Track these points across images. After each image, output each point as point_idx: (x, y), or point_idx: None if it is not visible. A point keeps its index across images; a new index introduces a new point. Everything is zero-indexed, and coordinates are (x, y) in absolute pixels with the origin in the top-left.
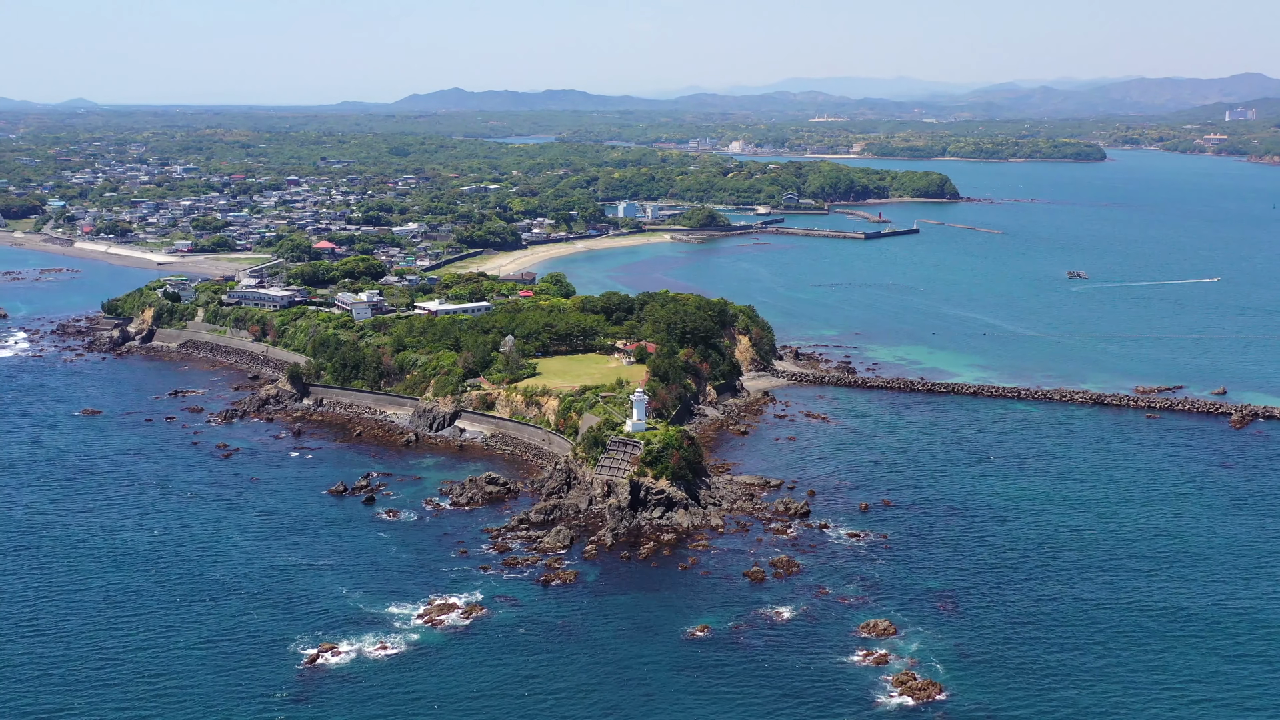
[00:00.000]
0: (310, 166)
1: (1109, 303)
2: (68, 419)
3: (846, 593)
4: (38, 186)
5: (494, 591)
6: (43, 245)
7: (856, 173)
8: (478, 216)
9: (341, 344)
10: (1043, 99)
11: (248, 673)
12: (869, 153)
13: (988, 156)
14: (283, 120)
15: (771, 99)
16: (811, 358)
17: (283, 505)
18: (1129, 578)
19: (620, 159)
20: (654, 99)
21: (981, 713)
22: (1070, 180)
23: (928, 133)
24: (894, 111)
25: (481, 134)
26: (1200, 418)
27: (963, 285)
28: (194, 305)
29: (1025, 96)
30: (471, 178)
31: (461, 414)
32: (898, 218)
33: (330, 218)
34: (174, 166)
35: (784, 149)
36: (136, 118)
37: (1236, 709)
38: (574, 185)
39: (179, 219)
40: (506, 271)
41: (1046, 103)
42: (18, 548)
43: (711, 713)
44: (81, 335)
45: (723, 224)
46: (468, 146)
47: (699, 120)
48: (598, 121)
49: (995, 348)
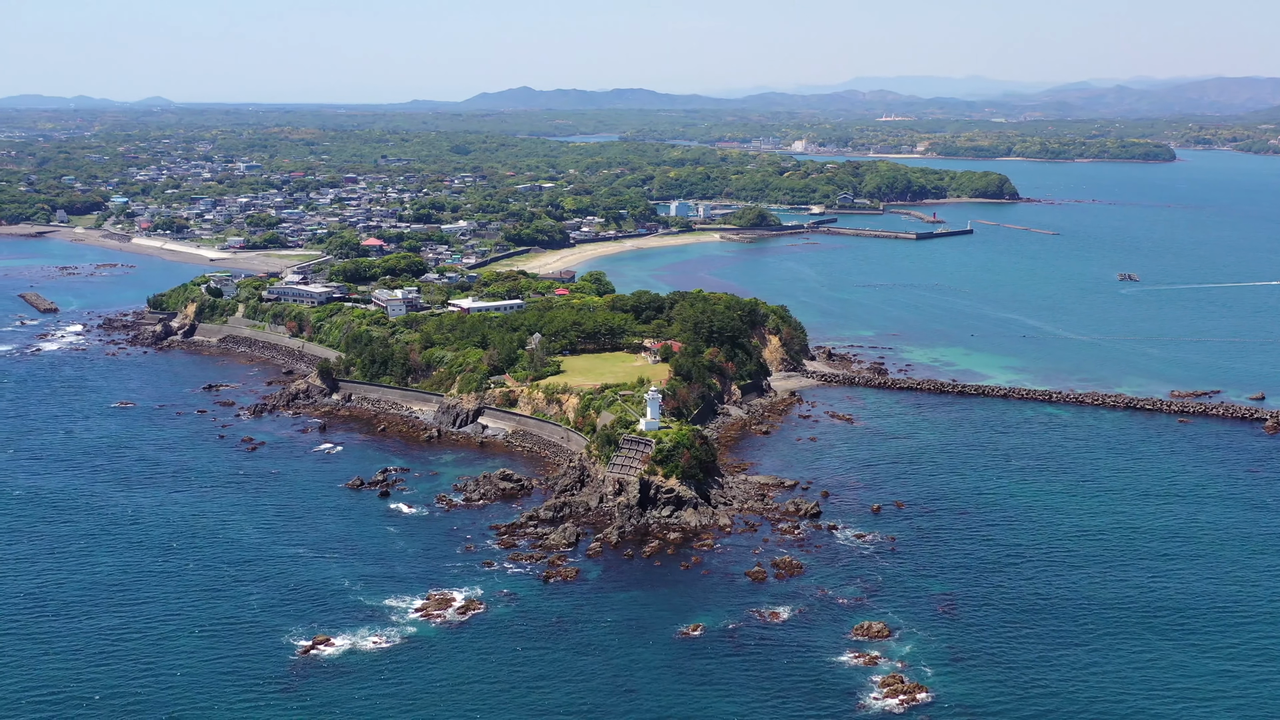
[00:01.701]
0: (370, 164)
1: (1157, 305)
2: (102, 411)
3: (846, 594)
4: (103, 183)
5: (494, 587)
6: (101, 241)
7: (914, 172)
8: (527, 215)
9: (373, 340)
10: (1117, 98)
11: (241, 661)
12: (933, 152)
13: (1053, 157)
14: (351, 118)
15: (840, 98)
16: (844, 358)
17: (298, 498)
18: (1134, 580)
19: (679, 158)
20: (721, 98)
21: (965, 716)
22: (1135, 181)
23: (994, 132)
24: (964, 111)
25: (546, 132)
26: (1234, 423)
27: (1009, 287)
28: (235, 301)
29: (1099, 96)
30: (528, 176)
31: (484, 411)
32: (953, 218)
33: (382, 215)
34: (237, 164)
35: (847, 148)
36: (209, 116)
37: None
38: (629, 184)
39: (235, 215)
40: (552, 269)
41: (1121, 102)
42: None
43: (691, 710)
44: (126, 329)
45: (773, 223)
46: (528, 145)
47: (764, 120)
48: (662, 120)
49: (1033, 350)
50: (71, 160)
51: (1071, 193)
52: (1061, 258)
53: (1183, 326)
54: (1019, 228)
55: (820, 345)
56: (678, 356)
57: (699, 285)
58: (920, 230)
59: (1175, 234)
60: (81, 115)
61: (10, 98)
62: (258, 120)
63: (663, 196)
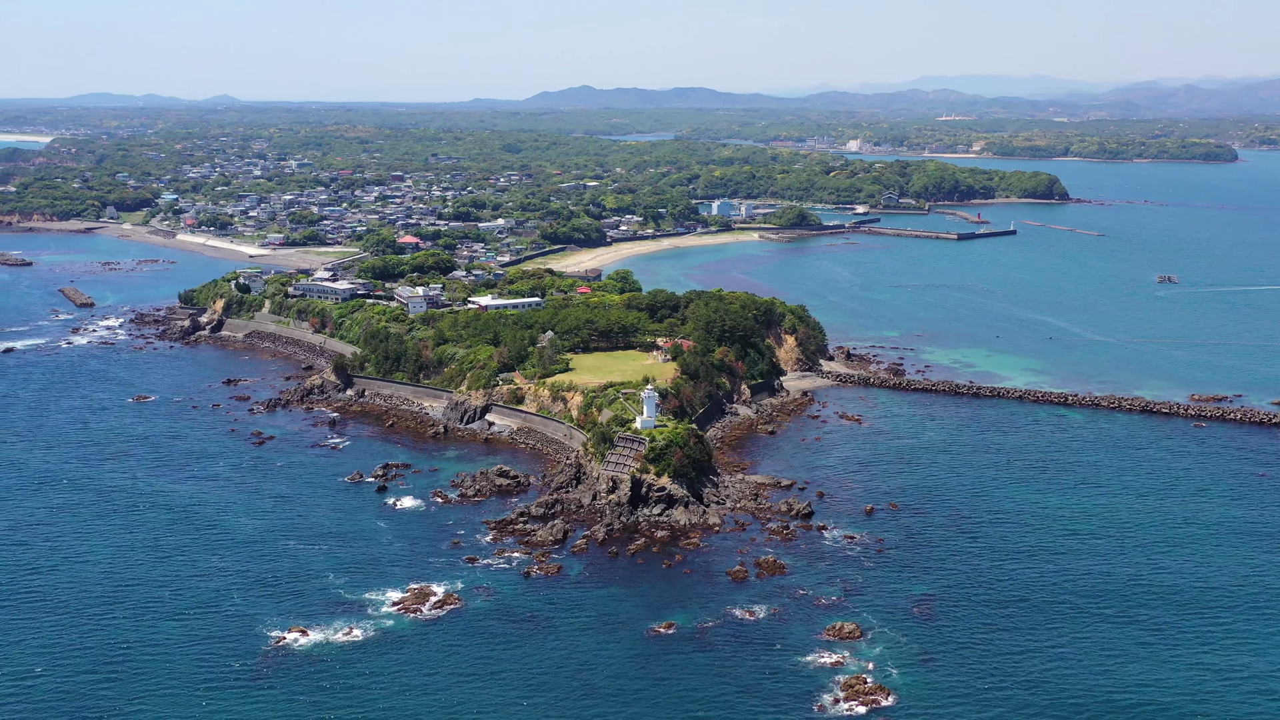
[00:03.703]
0: (419, 163)
1: (1192, 308)
2: (119, 404)
3: (825, 594)
4: (155, 180)
5: (475, 582)
6: (147, 237)
7: (962, 172)
8: (565, 213)
9: (389, 337)
10: (1185, 98)
11: (214, 647)
12: (989, 152)
13: (1111, 157)
14: (410, 117)
15: (903, 97)
16: (863, 358)
17: (297, 491)
18: (1117, 583)
19: (729, 157)
20: (783, 97)
21: (924, 718)
22: (1191, 182)
23: (1053, 132)
24: (1027, 110)
25: (603, 131)
26: (1251, 428)
27: (1043, 288)
28: (262, 297)
29: (1166, 95)
30: (574, 175)
31: (492, 408)
32: (999, 219)
33: (422, 213)
34: (289, 161)
35: (902, 148)
36: (270, 114)
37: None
38: (674, 183)
39: (278, 213)
40: (586, 268)
41: (1189, 102)
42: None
43: (645, 707)
44: (157, 324)
45: (814, 223)
46: (579, 144)
47: (824, 119)
48: (719, 119)
49: (1057, 352)
50: (129, 158)
51: (1124, 193)
52: (1102, 259)
53: (1213, 329)
54: (1064, 228)
55: (841, 345)
56: (685, 355)
57: (731, 284)
58: (962, 230)
59: (1223, 235)
60: (147, 113)
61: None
62: (318, 119)
63: (707, 196)
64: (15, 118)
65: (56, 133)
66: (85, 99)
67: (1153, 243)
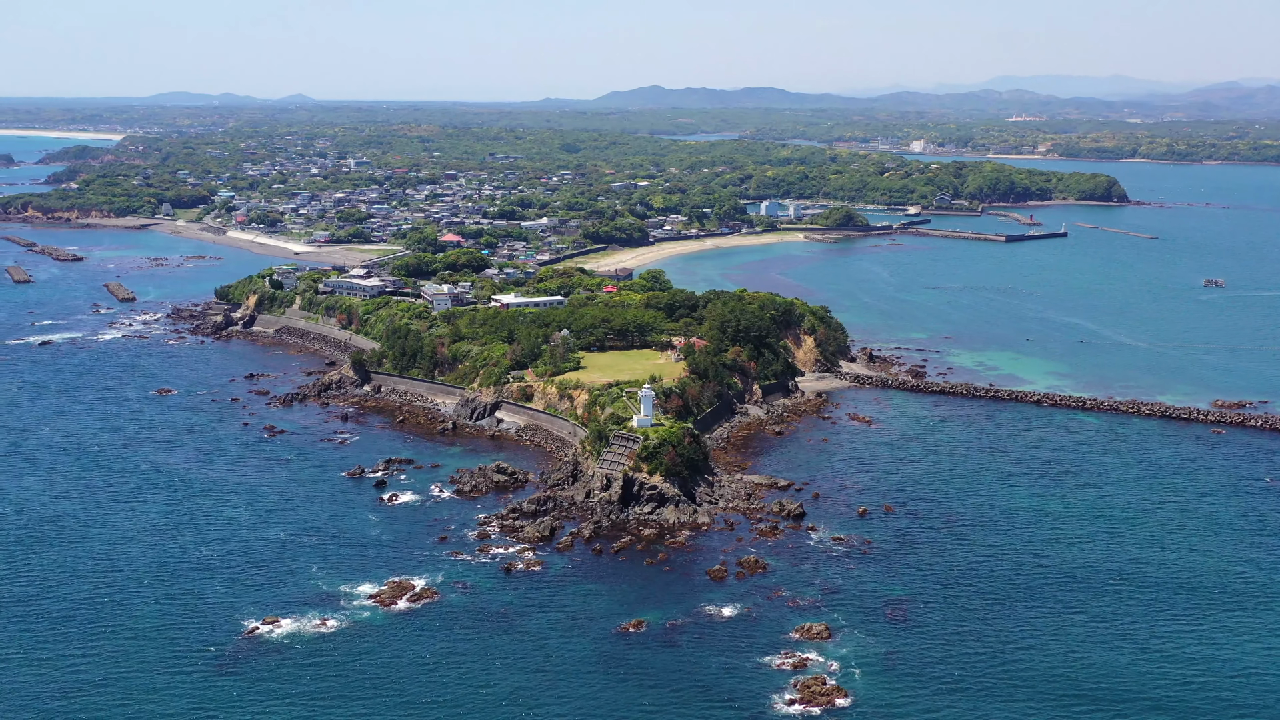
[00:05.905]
0: (476, 162)
1: (1233, 312)
2: (141, 396)
3: (802, 595)
4: (214, 178)
5: (455, 577)
6: (198, 234)
7: (1019, 174)
8: (610, 212)
9: (409, 333)
10: (1267, 98)
11: (188, 634)
12: (1054, 153)
13: (1179, 158)
14: (477, 116)
15: (976, 97)
16: (885, 360)
17: (298, 485)
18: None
19: (787, 157)
20: (854, 97)
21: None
22: (1258, 185)
23: (1122, 133)
24: (1102, 111)
25: (668, 131)
26: (1272, 434)
27: (1084, 291)
28: (293, 293)
29: (1247, 96)
30: (626, 174)
31: (502, 405)
32: (1052, 220)
33: (468, 211)
34: (348, 160)
35: (966, 149)
36: (340, 113)
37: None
38: (726, 183)
39: (328, 210)
40: (627, 267)
41: (1271, 102)
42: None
43: (599, 702)
44: (191, 319)
45: (860, 224)
46: (638, 143)
47: (891, 119)
48: (786, 119)
49: (1086, 356)
50: (193, 155)
51: (1186, 196)
52: (1151, 262)
53: (1249, 334)
54: (1116, 231)
55: (865, 346)
56: (696, 354)
57: (768, 284)
58: (1012, 232)
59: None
60: (220, 112)
61: (159, 95)
62: (386, 117)
63: (759, 196)
64: (91, 116)
65: (129, 131)
66: (162, 98)
67: (1207, 246)
